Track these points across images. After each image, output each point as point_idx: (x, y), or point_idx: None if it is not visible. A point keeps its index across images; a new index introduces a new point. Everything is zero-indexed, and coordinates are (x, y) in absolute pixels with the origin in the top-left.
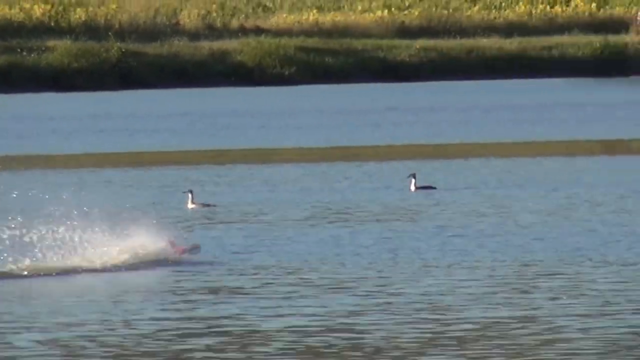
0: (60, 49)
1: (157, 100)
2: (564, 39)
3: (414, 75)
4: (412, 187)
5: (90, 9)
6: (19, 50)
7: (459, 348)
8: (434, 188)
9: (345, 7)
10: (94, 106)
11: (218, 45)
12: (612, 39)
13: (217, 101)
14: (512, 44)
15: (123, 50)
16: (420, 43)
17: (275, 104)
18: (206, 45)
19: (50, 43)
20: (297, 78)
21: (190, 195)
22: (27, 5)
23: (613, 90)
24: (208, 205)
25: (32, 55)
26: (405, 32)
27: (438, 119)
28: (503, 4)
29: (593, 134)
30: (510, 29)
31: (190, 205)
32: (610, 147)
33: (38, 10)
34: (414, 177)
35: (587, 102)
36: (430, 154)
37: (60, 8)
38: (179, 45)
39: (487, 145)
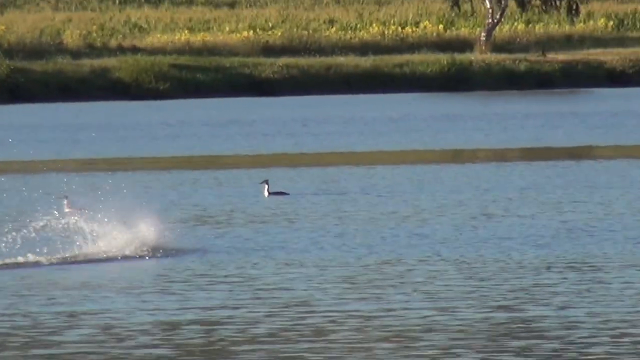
0: None
1: (43, 113)
2: (414, 57)
3: (278, 90)
4: (265, 193)
5: None
6: None
7: (315, 338)
8: (287, 194)
9: (214, 28)
10: None
11: (98, 62)
12: (458, 57)
13: (97, 114)
14: (367, 61)
15: (11, 67)
16: (283, 61)
17: (151, 116)
18: (87, 63)
19: None
20: (171, 93)
21: (66, 200)
22: None
23: (459, 103)
24: (83, 210)
25: None
26: (269, 50)
27: (298, 130)
28: (358, 25)
29: (441, 143)
30: (365, 48)
31: (66, 210)
32: (457, 156)
33: None
34: (267, 184)
35: (435, 114)
36: (288, 162)
37: None
38: (63, 63)
39: (340, 154)
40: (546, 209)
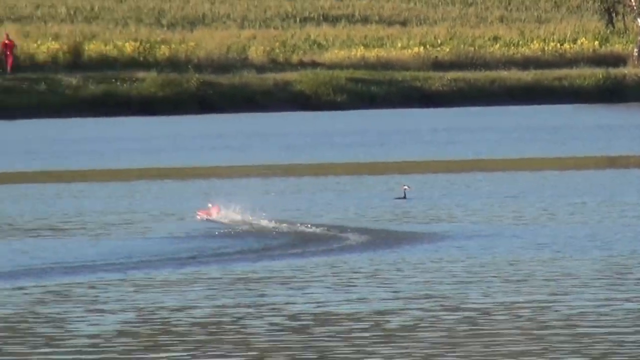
0: (148, 80)
1: (230, 123)
2: (572, 71)
3: (446, 102)
4: (404, 196)
5: (173, 46)
6: (113, 80)
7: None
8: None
9: (388, 44)
10: (176, 128)
11: (281, 76)
12: (613, 71)
13: (280, 124)
14: (529, 75)
15: (201, 80)
16: (451, 75)
17: (329, 126)
18: (271, 77)
19: (140, 75)
20: (347, 104)
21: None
22: (120, 43)
23: (614, 114)
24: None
25: (124, 85)
26: (438, 65)
27: (464, 138)
28: (520, 42)
29: (598, 151)
30: (527, 63)
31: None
32: (613, 162)
33: (129, 47)
34: (408, 187)
35: (592, 124)
36: (451, 168)
37: (148, 45)
38: (248, 77)
39: (510, 160)
40: None
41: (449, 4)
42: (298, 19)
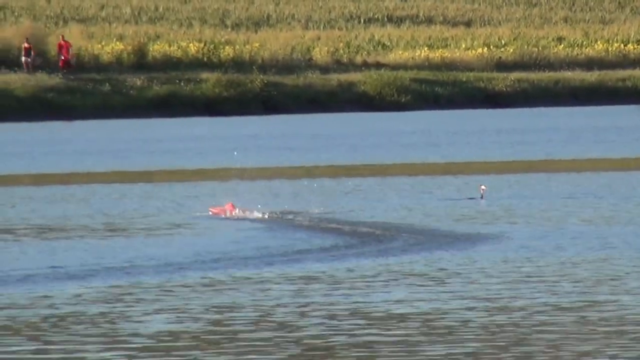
0: (212, 81)
1: (293, 123)
2: (636, 72)
3: (510, 103)
4: (482, 196)
5: (237, 47)
6: (177, 81)
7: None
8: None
9: (452, 45)
10: (240, 129)
11: (345, 77)
12: None
13: (344, 124)
14: (592, 76)
15: (265, 81)
16: (514, 75)
17: (393, 126)
18: (335, 77)
19: (204, 75)
20: (411, 105)
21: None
22: (184, 44)
23: None
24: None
25: (189, 85)
26: (502, 66)
27: (527, 139)
28: (584, 43)
29: None
30: (591, 64)
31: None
32: None
33: (193, 48)
34: (485, 187)
35: None
36: (503, 169)
37: (212, 46)
38: (312, 77)
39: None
40: None
41: (513, 4)
42: (362, 20)
